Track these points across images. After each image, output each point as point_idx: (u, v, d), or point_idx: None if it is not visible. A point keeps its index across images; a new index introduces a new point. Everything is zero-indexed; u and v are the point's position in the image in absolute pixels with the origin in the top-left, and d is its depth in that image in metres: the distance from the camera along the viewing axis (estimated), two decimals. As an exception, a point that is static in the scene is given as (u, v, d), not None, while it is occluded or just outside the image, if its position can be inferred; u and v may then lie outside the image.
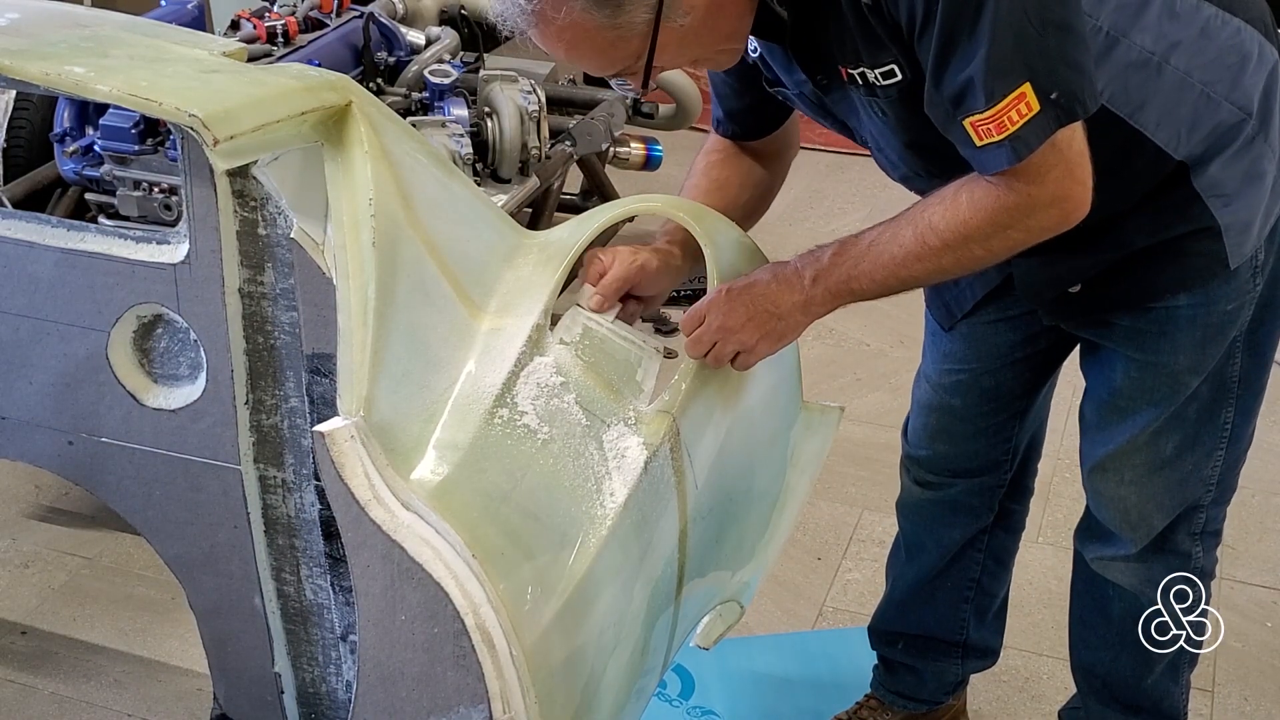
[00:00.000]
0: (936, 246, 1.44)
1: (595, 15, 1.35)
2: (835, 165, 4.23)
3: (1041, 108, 1.33)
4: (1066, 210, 1.41)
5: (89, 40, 1.45)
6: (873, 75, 1.45)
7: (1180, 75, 1.50)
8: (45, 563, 2.66)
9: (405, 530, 1.30)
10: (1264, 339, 1.69)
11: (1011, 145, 1.35)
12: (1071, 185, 1.40)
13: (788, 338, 1.53)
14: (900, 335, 3.50)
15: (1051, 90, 1.34)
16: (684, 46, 1.43)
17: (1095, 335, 1.71)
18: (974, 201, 1.41)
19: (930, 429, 1.95)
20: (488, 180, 3.07)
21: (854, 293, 1.50)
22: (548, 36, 1.39)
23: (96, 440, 1.51)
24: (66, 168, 2.68)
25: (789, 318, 1.51)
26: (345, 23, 3.23)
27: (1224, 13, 1.51)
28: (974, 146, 1.38)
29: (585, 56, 1.42)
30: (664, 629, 1.57)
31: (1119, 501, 1.78)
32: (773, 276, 1.52)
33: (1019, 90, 1.33)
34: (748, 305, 1.51)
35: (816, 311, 1.52)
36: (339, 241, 1.35)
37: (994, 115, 1.34)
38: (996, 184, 1.40)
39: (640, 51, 1.40)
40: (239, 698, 1.63)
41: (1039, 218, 1.42)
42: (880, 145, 1.61)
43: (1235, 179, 1.54)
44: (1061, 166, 1.38)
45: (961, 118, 1.37)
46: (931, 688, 2.16)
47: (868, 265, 1.48)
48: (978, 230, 1.42)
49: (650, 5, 1.36)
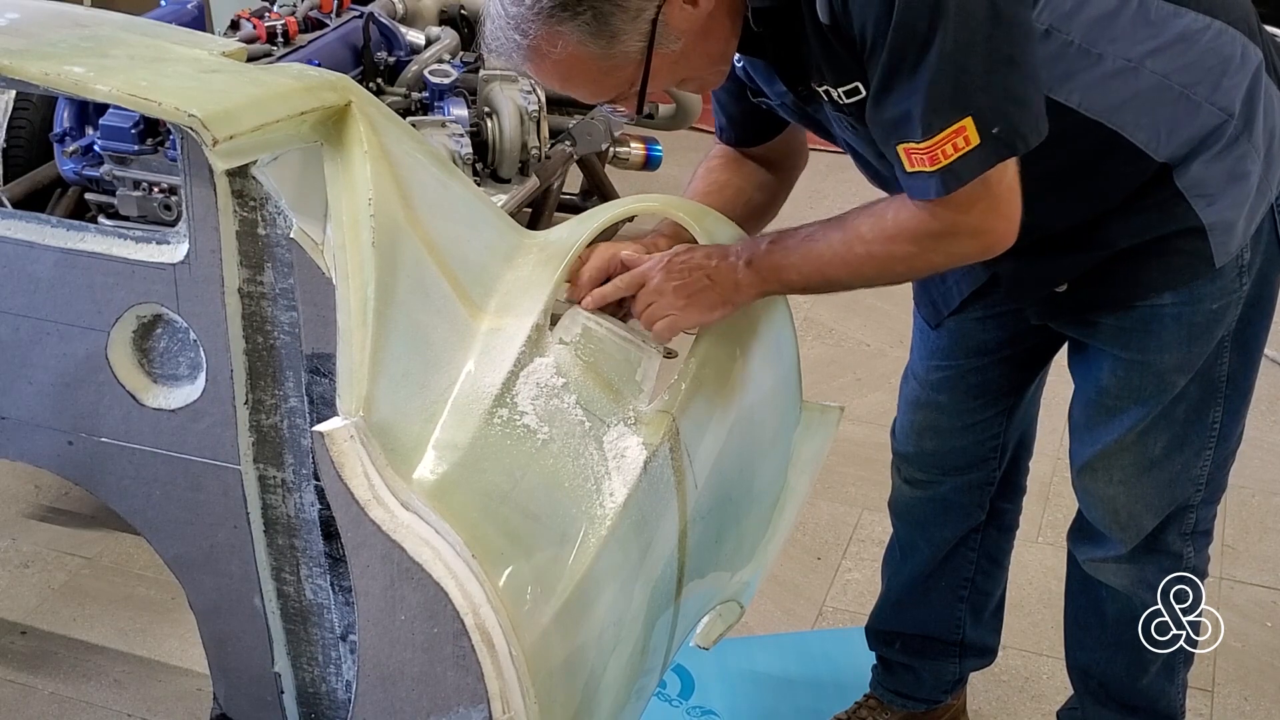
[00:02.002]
0: (861, 255, 1.47)
1: (591, 47, 1.37)
2: (835, 165, 4.21)
3: (981, 141, 1.35)
4: (987, 243, 1.44)
5: (89, 40, 1.45)
6: (837, 93, 1.47)
7: (1159, 79, 1.50)
8: (45, 563, 2.66)
9: (405, 530, 1.30)
10: (1251, 338, 1.69)
11: (941, 178, 1.37)
12: (995, 220, 1.42)
13: (716, 312, 1.54)
14: (900, 335, 3.50)
15: (994, 125, 1.35)
16: (675, 70, 1.45)
17: (1082, 334, 1.71)
18: (899, 221, 1.44)
19: (917, 426, 1.96)
20: (488, 180, 3.07)
21: (782, 282, 1.53)
22: (543, 70, 1.41)
23: (96, 440, 1.51)
24: (66, 168, 2.68)
25: (718, 292, 1.53)
26: (345, 23, 3.23)
27: (1204, 16, 1.51)
28: (904, 170, 1.40)
29: (580, 86, 1.44)
30: (664, 629, 1.57)
31: (1109, 502, 1.78)
32: (715, 252, 1.55)
33: (959, 125, 1.34)
34: (684, 274, 1.53)
35: (747, 292, 1.54)
36: (339, 241, 1.35)
37: (929, 147, 1.36)
38: (922, 208, 1.42)
39: (634, 78, 1.42)
40: (239, 698, 1.63)
41: (959, 246, 1.45)
42: (857, 152, 1.63)
43: (1218, 179, 1.54)
44: (988, 200, 1.40)
45: (896, 143, 1.39)
46: (930, 687, 2.17)
47: (796, 259, 1.51)
48: (898, 248, 1.45)
49: (643, 34, 1.38)
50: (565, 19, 1.35)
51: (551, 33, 1.36)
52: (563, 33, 1.36)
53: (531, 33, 1.36)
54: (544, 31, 1.36)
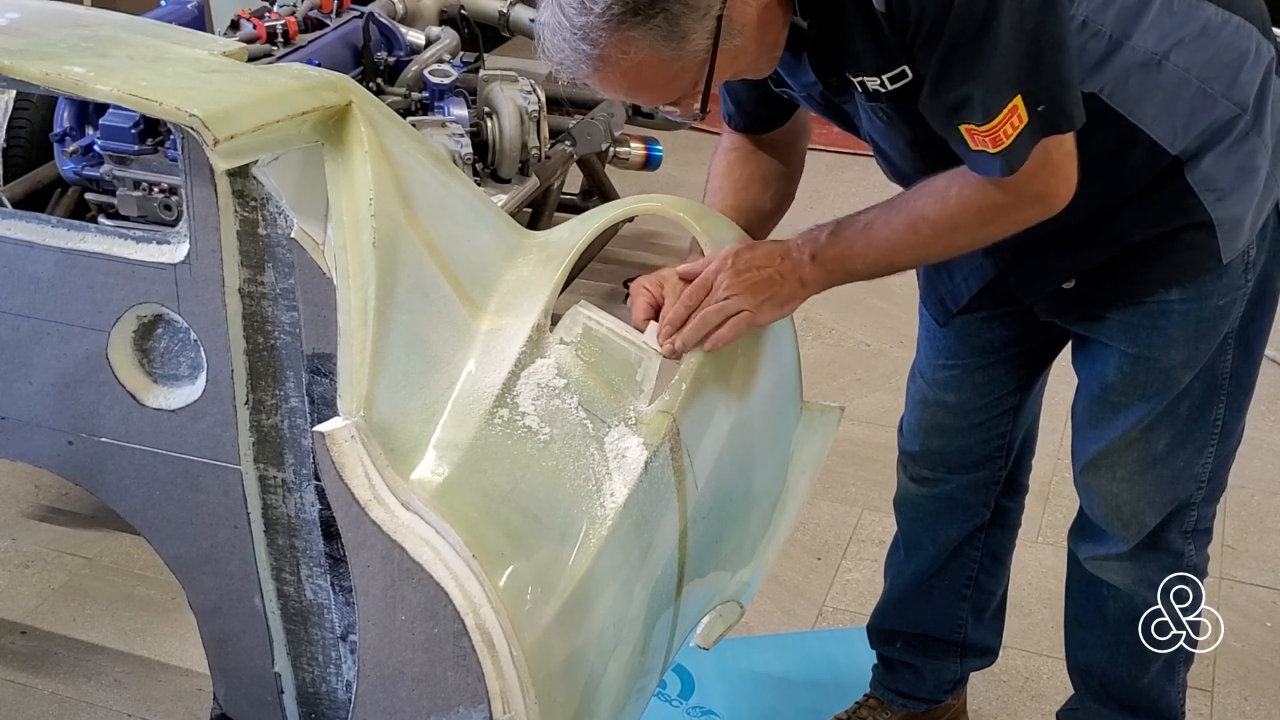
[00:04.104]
0: (927, 235, 1.51)
1: (661, 50, 1.36)
2: (835, 165, 4.23)
3: (1030, 119, 1.39)
4: (1050, 205, 1.48)
5: (89, 40, 1.45)
6: (877, 83, 1.47)
7: (1180, 72, 1.51)
8: (45, 563, 2.66)
9: (405, 530, 1.30)
10: (1254, 336, 1.70)
11: (1005, 159, 1.41)
12: (1057, 184, 1.46)
13: (786, 307, 1.56)
14: (900, 335, 3.50)
15: (1040, 103, 1.39)
16: (734, 65, 1.45)
17: (1088, 329, 1.71)
18: (963, 196, 1.48)
19: (924, 424, 1.96)
20: (488, 180, 3.07)
21: (848, 271, 1.55)
22: (610, 79, 1.40)
23: (96, 440, 1.51)
24: (66, 168, 2.68)
25: (788, 287, 1.54)
26: (345, 23, 3.23)
27: (1224, 10, 1.53)
28: (968, 148, 1.43)
29: (648, 91, 1.44)
30: (664, 629, 1.57)
31: (1111, 499, 1.78)
32: (776, 249, 1.56)
33: (1012, 103, 1.38)
34: (753, 272, 1.53)
35: (813, 286, 1.56)
36: (339, 241, 1.35)
37: (991, 129, 1.39)
38: (987, 181, 1.45)
39: (698, 77, 1.41)
40: (239, 698, 1.63)
41: (1023, 213, 1.49)
42: (883, 147, 1.64)
43: (1229, 174, 1.55)
44: (1048, 168, 1.44)
45: (958, 124, 1.42)
46: (931, 686, 2.17)
47: (861, 247, 1.53)
48: (965, 223, 1.49)
49: (710, 31, 1.37)
50: (637, 24, 1.33)
51: (623, 39, 1.34)
52: (634, 38, 1.34)
53: (602, 42, 1.34)
54: (615, 39, 1.34)
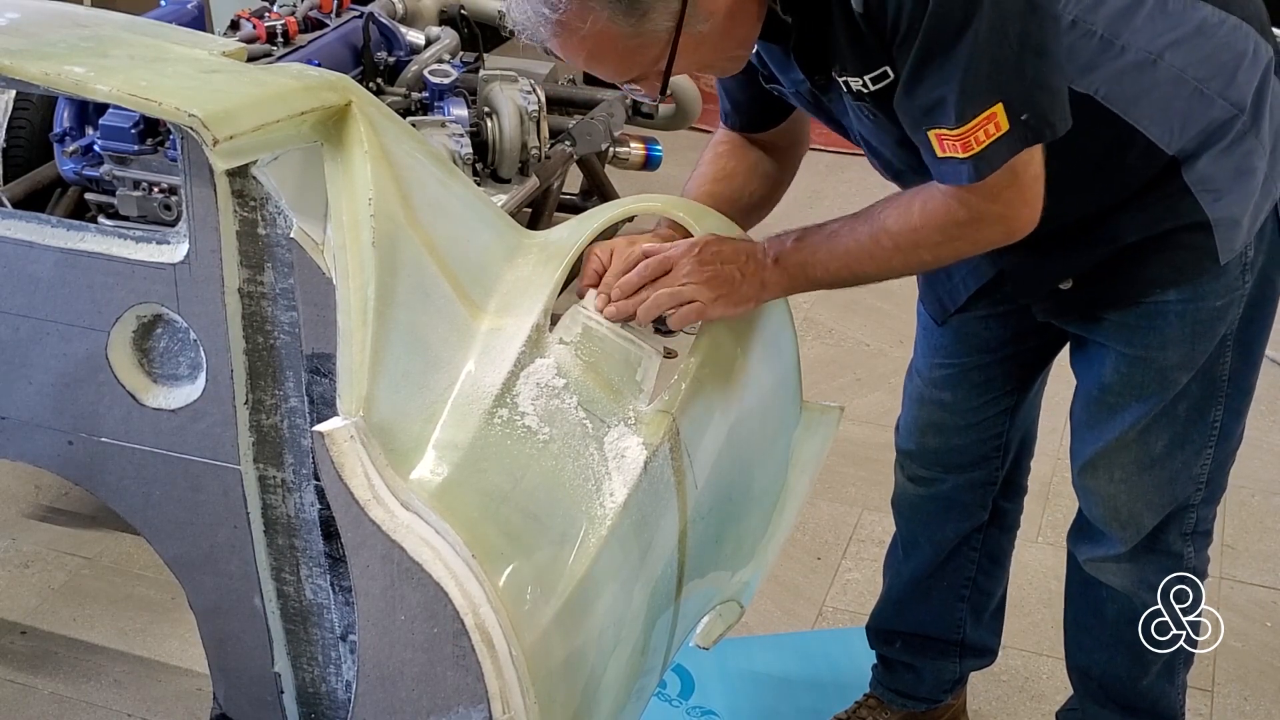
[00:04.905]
0: (888, 248, 1.49)
1: (620, 24, 1.37)
2: (835, 165, 4.23)
3: (1011, 127, 1.37)
4: (1012, 228, 1.46)
5: (89, 40, 1.45)
6: (859, 83, 1.47)
7: (1175, 72, 1.51)
8: (45, 563, 2.66)
9: (405, 530, 1.30)
10: (1253, 338, 1.70)
11: (974, 164, 1.39)
12: (1021, 206, 1.44)
13: (742, 307, 1.55)
14: (900, 335, 3.50)
15: (1023, 112, 1.37)
16: (699, 52, 1.44)
17: (1086, 330, 1.71)
18: (925, 210, 1.46)
19: (920, 422, 1.96)
20: (488, 180, 3.07)
21: (809, 279, 1.55)
22: (569, 45, 1.40)
23: (96, 440, 1.51)
24: (66, 168, 2.67)
25: (748, 287, 1.54)
26: (345, 23, 3.23)
27: (1220, 10, 1.53)
28: (934, 156, 1.41)
29: (605, 64, 1.44)
30: (664, 629, 1.57)
31: (1109, 500, 1.78)
32: (743, 248, 1.55)
33: (990, 110, 1.36)
34: (716, 265, 1.53)
35: (773, 290, 1.56)
36: (339, 241, 1.35)
37: (961, 134, 1.38)
38: (949, 196, 1.44)
39: (659, 58, 1.41)
40: (239, 698, 1.63)
41: (985, 232, 1.47)
42: (872, 144, 1.63)
43: (1226, 174, 1.55)
44: (1015, 187, 1.42)
45: (928, 128, 1.40)
46: (930, 686, 2.17)
47: (823, 255, 1.53)
48: (926, 238, 1.48)
49: (673, 13, 1.37)
50: None
51: (583, 6, 1.35)
52: (593, 8, 1.35)
53: (561, 7, 1.36)
54: (575, 5, 1.35)
